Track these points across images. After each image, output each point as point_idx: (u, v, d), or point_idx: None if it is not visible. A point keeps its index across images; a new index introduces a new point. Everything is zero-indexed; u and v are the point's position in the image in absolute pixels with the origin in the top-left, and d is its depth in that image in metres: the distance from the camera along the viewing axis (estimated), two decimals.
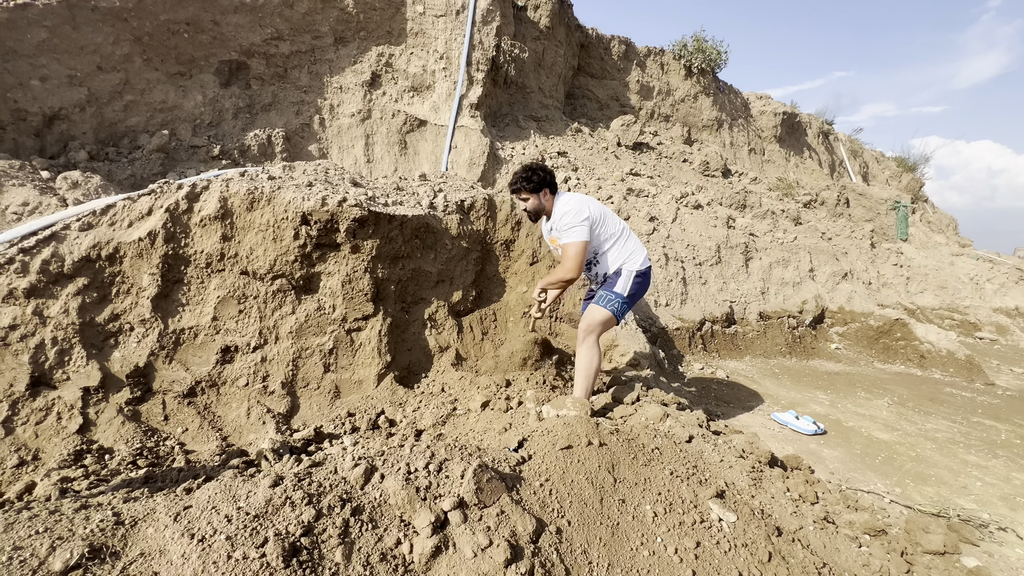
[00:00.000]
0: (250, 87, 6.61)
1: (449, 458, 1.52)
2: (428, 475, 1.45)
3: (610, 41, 11.18)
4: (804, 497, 2.12)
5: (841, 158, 15.01)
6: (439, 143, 7.45)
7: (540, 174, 2.59)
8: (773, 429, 3.48)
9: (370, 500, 1.35)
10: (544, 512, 1.48)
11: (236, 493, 1.29)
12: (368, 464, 1.44)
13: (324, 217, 3.08)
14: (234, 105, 6.36)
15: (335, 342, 3.06)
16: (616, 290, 2.54)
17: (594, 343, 2.46)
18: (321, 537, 1.22)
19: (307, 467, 1.47)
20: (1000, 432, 3.83)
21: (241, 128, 6.32)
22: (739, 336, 5.66)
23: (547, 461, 1.68)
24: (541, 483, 1.59)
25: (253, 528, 1.19)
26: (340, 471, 1.42)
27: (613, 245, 2.68)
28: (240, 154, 6.03)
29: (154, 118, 5.66)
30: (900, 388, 4.82)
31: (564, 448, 1.74)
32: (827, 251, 7.40)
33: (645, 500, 1.68)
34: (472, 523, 1.34)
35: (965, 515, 2.49)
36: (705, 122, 12.13)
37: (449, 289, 3.71)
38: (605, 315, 2.49)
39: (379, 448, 1.58)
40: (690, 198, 6.89)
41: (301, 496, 1.28)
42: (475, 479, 1.40)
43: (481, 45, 7.92)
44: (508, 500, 1.43)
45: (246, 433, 2.58)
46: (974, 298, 8.66)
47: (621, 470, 1.78)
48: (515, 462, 1.64)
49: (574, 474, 1.65)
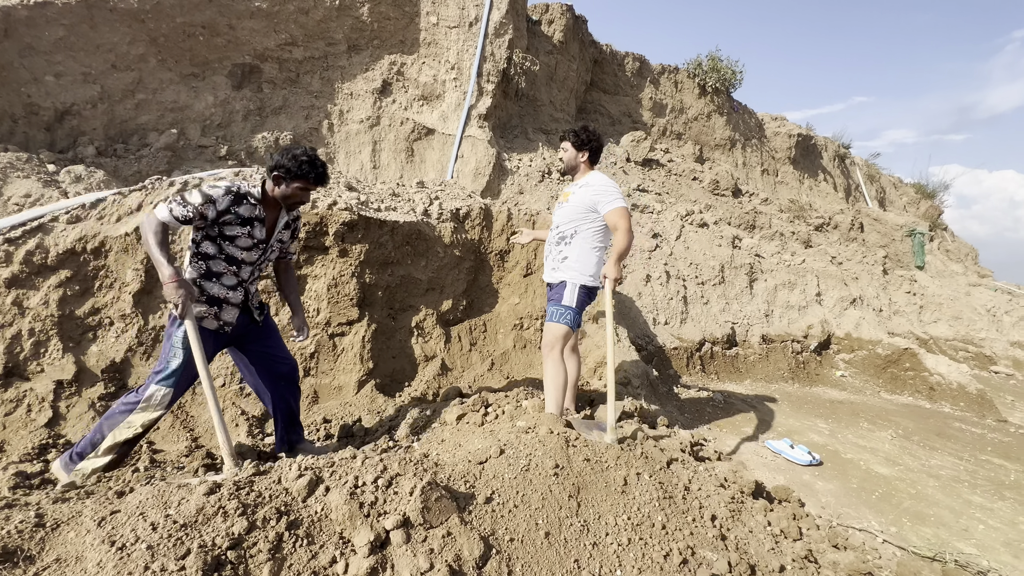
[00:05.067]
0: (262, 90, 6.71)
1: (402, 473, 1.45)
2: (376, 490, 1.38)
3: (624, 58, 11.22)
4: (786, 533, 2.00)
5: (857, 182, 14.79)
6: (446, 152, 7.48)
7: (590, 136, 2.78)
8: (766, 457, 3.34)
9: (310, 514, 1.29)
10: (496, 536, 1.40)
11: (168, 500, 1.23)
12: (314, 475, 1.37)
13: (313, 219, 3.07)
14: (244, 107, 6.46)
15: (317, 346, 3.02)
16: (565, 303, 2.59)
17: (559, 357, 2.47)
18: (250, 551, 1.16)
19: (250, 475, 1.41)
20: (1010, 472, 3.64)
21: (250, 130, 6.41)
22: (740, 359, 5.51)
23: (507, 480, 1.60)
24: (498, 504, 1.51)
25: (178, 538, 1.13)
26: (284, 481, 1.36)
27: (597, 245, 2.68)
28: (247, 155, 6.10)
29: (164, 117, 5.76)
30: (906, 420, 4.63)
31: (525, 468, 1.66)
32: (836, 276, 7.23)
33: (609, 529, 1.59)
34: (415, 544, 1.27)
35: (963, 560, 2.34)
36: (718, 141, 12.05)
37: (439, 297, 3.66)
38: (563, 329, 2.55)
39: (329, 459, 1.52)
40: (695, 216, 6.80)
41: (235, 506, 1.22)
42: (423, 497, 1.32)
43: (493, 57, 7.98)
44: (457, 521, 1.35)
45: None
46: (990, 330, 8.38)
47: (588, 494, 1.70)
48: (472, 480, 1.56)
49: (534, 496, 1.57)
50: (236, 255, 2.20)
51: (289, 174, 2.19)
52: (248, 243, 2.20)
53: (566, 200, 2.82)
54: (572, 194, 2.80)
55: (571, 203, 2.77)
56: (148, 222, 2.00)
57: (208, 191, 2.11)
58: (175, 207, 2.03)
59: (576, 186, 2.81)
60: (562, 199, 2.87)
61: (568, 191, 2.85)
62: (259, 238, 2.23)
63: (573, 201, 2.76)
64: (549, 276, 2.76)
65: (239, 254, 2.20)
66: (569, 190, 2.85)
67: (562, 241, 2.75)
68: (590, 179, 2.78)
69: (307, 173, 2.20)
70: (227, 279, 2.21)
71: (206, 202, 2.09)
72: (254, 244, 2.22)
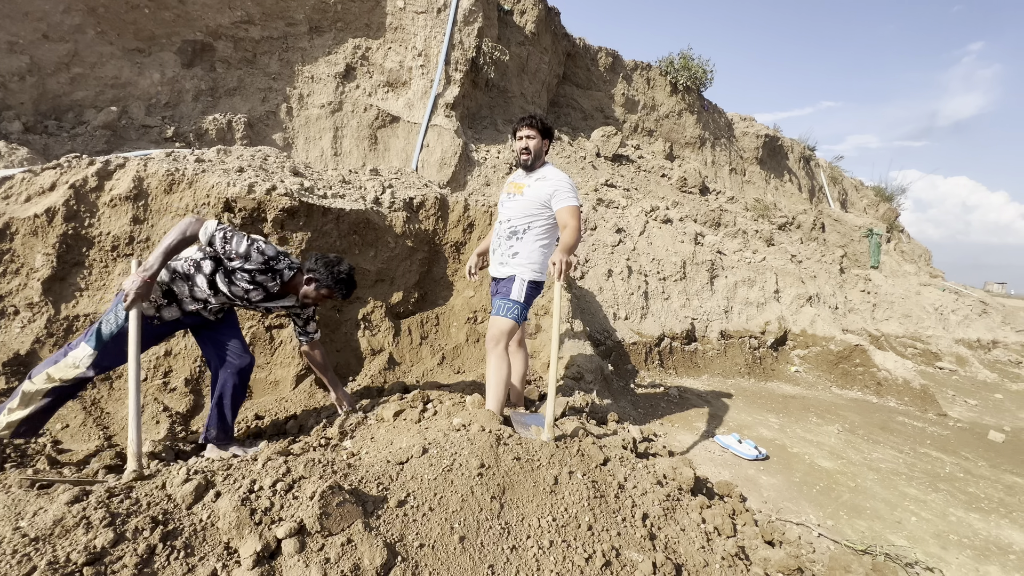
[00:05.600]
0: (215, 70, 6.38)
1: (306, 476, 1.35)
2: (273, 495, 1.28)
3: (597, 52, 11.19)
4: (720, 530, 1.98)
5: (821, 184, 15.23)
6: (411, 141, 7.29)
7: (550, 124, 2.77)
8: (714, 452, 3.37)
9: (193, 523, 1.17)
10: (404, 542, 1.31)
11: (23, 509, 1.10)
12: (203, 480, 1.26)
13: (250, 205, 2.89)
14: (195, 87, 6.12)
15: (252, 338, 2.87)
16: (513, 297, 2.51)
17: (503, 353, 2.38)
18: (112, 567, 1.04)
19: (128, 481, 1.29)
20: (945, 464, 3.77)
21: (201, 111, 6.08)
22: (699, 354, 5.57)
23: (425, 482, 1.52)
24: (412, 507, 1.42)
25: (25, 555, 1.00)
26: (168, 487, 1.24)
27: (546, 241, 2.60)
28: (196, 138, 5.79)
29: (104, 94, 5.40)
30: (853, 415, 4.77)
31: (448, 468, 1.57)
32: (794, 273, 7.40)
33: (532, 531, 1.52)
34: (309, 553, 1.17)
35: (893, 553, 2.38)
36: (688, 139, 12.18)
37: (389, 289, 3.53)
38: (509, 324, 2.46)
39: (227, 462, 1.40)
40: (660, 212, 6.83)
41: (102, 516, 1.10)
42: (322, 502, 1.23)
43: (461, 45, 7.81)
44: (360, 527, 1.26)
45: None
46: (937, 328, 8.75)
47: (513, 494, 1.63)
48: (388, 482, 1.47)
49: (453, 498, 1.49)
50: (223, 290, 2.19)
51: (321, 284, 2.26)
52: (240, 294, 2.21)
53: (519, 193, 2.70)
54: (527, 187, 2.67)
55: (526, 196, 2.65)
56: (187, 224, 2.01)
57: (252, 251, 2.11)
58: (218, 236, 2.05)
59: (532, 179, 2.68)
60: (513, 191, 2.74)
61: (521, 183, 2.73)
62: (255, 300, 2.25)
63: (528, 195, 2.65)
64: (497, 271, 2.67)
65: (226, 292, 2.19)
66: (523, 182, 2.72)
67: (514, 236, 2.65)
68: (547, 172, 2.68)
69: (339, 290, 2.30)
70: (198, 292, 2.19)
71: (242, 256, 2.09)
72: (244, 298, 2.23)
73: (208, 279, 2.15)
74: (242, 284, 2.16)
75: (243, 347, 2.33)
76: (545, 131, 2.70)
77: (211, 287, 2.16)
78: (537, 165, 2.70)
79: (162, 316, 2.15)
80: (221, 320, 2.34)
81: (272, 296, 2.27)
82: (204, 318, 2.28)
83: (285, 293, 2.30)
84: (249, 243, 2.10)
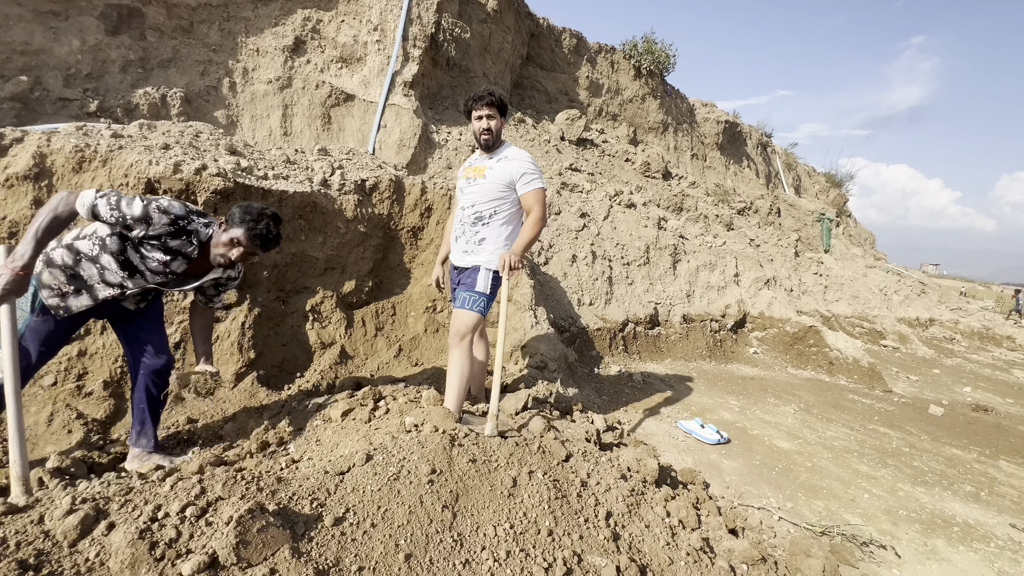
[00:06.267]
0: (145, 38, 5.79)
1: (224, 497, 1.17)
2: (181, 523, 1.10)
3: (561, 33, 10.98)
4: (685, 523, 1.93)
5: (777, 170, 15.68)
6: (367, 120, 6.92)
7: (507, 100, 2.57)
8: (677, 438, 3.36)
9: (76, 564, 0.98)
10: (340, 567, 1.17)
11: None
12: (92, 510, 1.06)
13: (176, 186, 2.60)
14: (123, 57, 5.54)
15: (184, 334, 2.60)
16: (479, 290, 2.37)
17: (468, 349, 2.24)
18: None
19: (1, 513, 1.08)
20: (892, 440, 3.93)
21: (130, 84, 5.52)
22: (662, 338, 5.60)
23: (368, 494, 1.37)
24: (350, 525, 1.27)
25: None
26: (48, 521, 1.03)
27: (512, 225, 2.46)
28: (125, 113, 5.25)
29: (12, 61, 4.80)
30: (808, 394, 4.91)
31: (394, 477, 1.43)
32: (753, 257, 7.56)
33: (488, 541, 1.40)
34: None
35: (849, 533, 2.43)
36: (651, 124, 12.22)
37: (340, 278, 3.31)
38: (475, 318, 2.31)
39: (126, 486, 1.20)
40: (624, 196, 6.79)
41: None
42: (238, 529, 1.06)
43: (420, 20, 7.45)
44: (287, 555, 1.10)
45: (42, 444, 2.09)
46: (882, 308, 9.20)
47: (468, 500, 1.50)
48: (324, 496, 1.31)
49: (399, 511, 1.35)
50: (137, 267, 1.89)
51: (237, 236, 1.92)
52: (159, 269, 1.90)
53: (481, 176, 2.51)
54: (489, 168, 2.49)
55: (489, 179, 2.47)
56: (60, 200, 1.72)
57: (151, 212, 1.79)
58: (101, 204, 1.72)
59: (493, 159, 2.51)
60: (473, 174, 2.56)
61: (481, 165, 2.54)
62: (174, 271, 1.94)
63: (492, 177, 2.47)
64: (461, 260, 2.50)
65: (142, 269, 1.89)
66: (483, 164, 2.54)
67: (479, 222, 2.47)
68: (509, 152, 2.52)
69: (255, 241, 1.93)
70: (109, 276, 1.88)
71: (140, 220, 1.77)
72: (165, 273, 1.93)
73: (118, 259, 1.85)
74: (156, 256, 1.86)
75: (161, 345, 2.08)
76: (503, 108, 2.54)
77: (124, 267, 1.87)
78: (498, 145, 2.53)
79: (68, 306, 1.85)
80: (143, 312, 2.07)
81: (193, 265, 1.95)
82: (123, 307, 2.01)
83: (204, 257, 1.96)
84: (145, 204, 1.78)
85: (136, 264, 1.88)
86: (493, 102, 2.48)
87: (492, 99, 2.48)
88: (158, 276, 1.93)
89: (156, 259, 1.87)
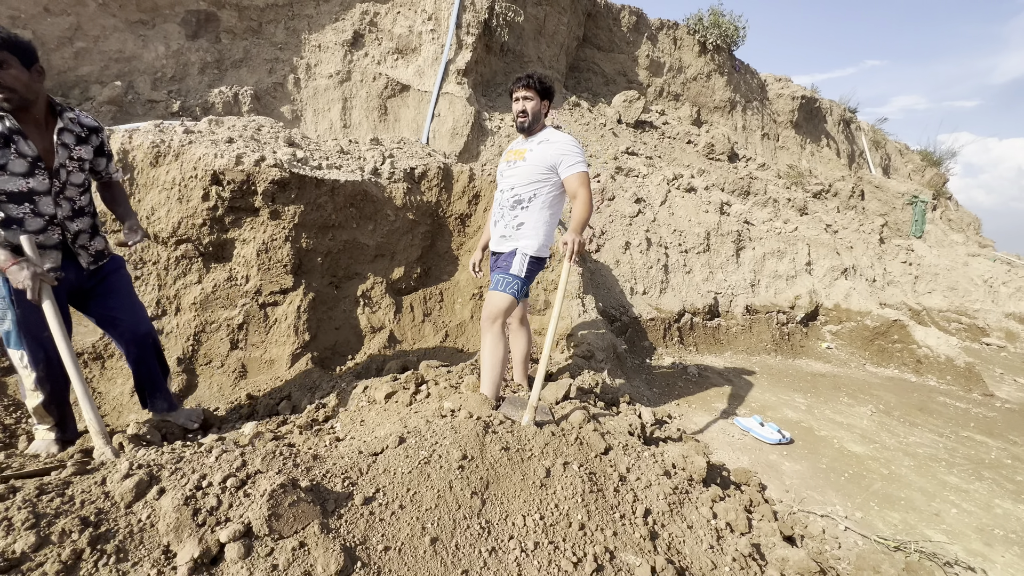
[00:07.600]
0: (220, 41, 6.22)
1: (263, 470, 1.23)
2: (223, 492, 1.16)
3: (620, 11, 10.52)
4: (733, 526, 1.80)
5: (862, 148, 14.24)
6: (422, 110, 7.03)
7: (550, 84, 2.47)
8: (733, 436, 3.16)
9: (130, 524, 1.07)
10: (367, 545, 1.19)
11: None
12: (147, 475, 1.15)
13: (238, 177, 2.76)
14: (201, 59, 5.99)
15: (246, 316, 2.78)
16: (513, 272, 2.31)
17: (500, 332, 2.19)
18: (30, 575, 0.94)
19: (67, 475, 1.19)
20: (991, 450, 3.47)
21: (207, 84, 5.96)
22: (721, 330, 5.29)
23: (398, 476, 1.38)
24: (379, 505, 1.29)
25: None
26: (108, 483, 1.13)
27: (553, 211, 2.40)
28: (203, 111, 5.69)
29: (109, 68, 5.33)
30: (888, 395, 4.45)
31: (425, 460, 1.44)
32: (828, 244, 6.93)
33: (516, 531, 1.38)
34: (255, 559, 1.05)
35: (929, 550, 2.17)
36: (717, 103, 11.47)
37: (389, 264, 3.39)
38: (507, 300, 2.25)
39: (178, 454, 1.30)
40: (683, 180, 6.44)
41: (25, 517, 1.00)
42: (271, 502, 1.10)
43: (473, 6, 7.42)
44: (316, 529, 1.13)
45: (126, 413, 2.33)
46: (986, 301, 8.14)
47: (498, 488, 1.48)
48: (356, 476, 1.35)
49: (428, 494, 1.36)
50: (19, 187, 1.80)
51: None
52: (23, 166, 1.80)
53: (521, 159, 2.47)
54: (529, 151, 2.45)
55: (529, 162, 2.43)
56: None
57: None
58: None
59: (533, 142, 2.46)
60: (513, 158, 2.52)
61: (522, 148, 2.51)
62: (31, 154, 1.81)
63: (531, 159, 2.42)
64: (498, 244, 2.47)
65: (22, 184, 1.81)
66: (523, 147, 2.50)
67: (518, 205, 2.44)
68: (550, 135, 2.46)
69: None
70: (30, 223, 1.82)
71: None
72: (31, 165, 1.82)
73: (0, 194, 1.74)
74: None
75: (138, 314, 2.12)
76: (544, 91, 2.46)
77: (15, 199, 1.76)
78: (536, 128, 2.48)
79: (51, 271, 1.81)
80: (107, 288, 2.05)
81: (27, 135, 1.79)
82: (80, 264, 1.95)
83: (30, 124, 1.80)
84: None
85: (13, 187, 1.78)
86: (531, 84, 2.43)
87: (530, 81, 2.43)
88: (38, 175, 1.83)
89: (6, 159, 1.76)
